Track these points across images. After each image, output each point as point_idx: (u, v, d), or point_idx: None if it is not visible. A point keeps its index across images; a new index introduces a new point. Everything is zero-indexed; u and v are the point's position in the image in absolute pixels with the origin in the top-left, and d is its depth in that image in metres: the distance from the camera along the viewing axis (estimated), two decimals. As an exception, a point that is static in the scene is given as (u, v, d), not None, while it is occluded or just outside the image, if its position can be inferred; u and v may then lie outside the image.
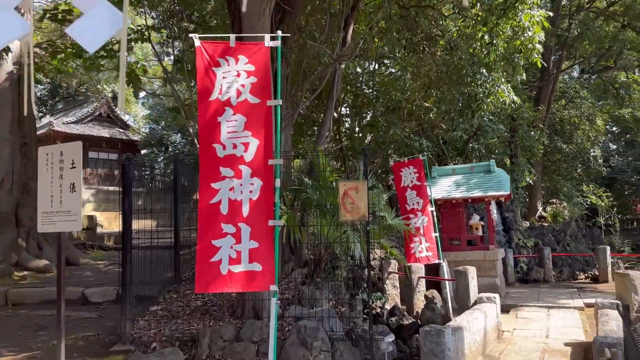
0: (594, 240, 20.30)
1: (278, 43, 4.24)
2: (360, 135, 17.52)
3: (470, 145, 17.57)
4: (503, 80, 9.62)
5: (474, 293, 8.33)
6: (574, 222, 20.53)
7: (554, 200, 23.43)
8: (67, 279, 11.51)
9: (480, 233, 12.09)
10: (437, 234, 10.32)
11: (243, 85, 4.14)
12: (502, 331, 8.27)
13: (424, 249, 10.18)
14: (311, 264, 7.93)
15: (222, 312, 6.62)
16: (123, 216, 6.26)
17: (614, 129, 35.15)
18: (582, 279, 14.94)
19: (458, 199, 11.75)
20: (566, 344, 7.27)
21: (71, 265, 13.09)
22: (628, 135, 34.85)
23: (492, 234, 11.62)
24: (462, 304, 8.28)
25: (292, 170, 8.69)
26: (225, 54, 4.19)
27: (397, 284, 10.31)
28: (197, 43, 4.28)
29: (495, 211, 11.86)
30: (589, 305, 10.22)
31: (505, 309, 10.36)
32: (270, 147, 4.10)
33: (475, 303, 8.01)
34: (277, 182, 4.16)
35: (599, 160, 27.18)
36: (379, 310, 9.49)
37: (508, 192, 11.12)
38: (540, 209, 22.87)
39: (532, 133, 18.45)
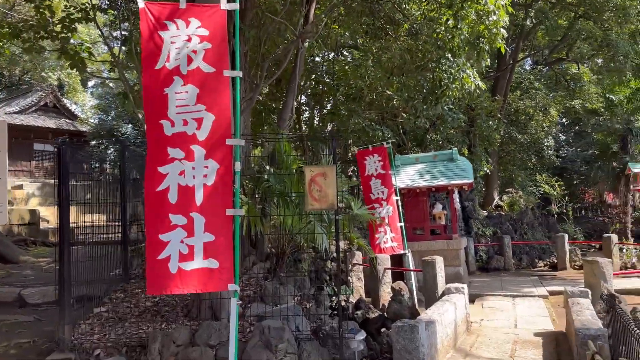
0: (550, 228, 20.77)
1: (236, 6, 3.67)
2: (321, 124, 17.06)
3: (429, 135, 17.47)
4: (468, 64, 9.36)
5: (441, 284, 8.05)
6: (530, 211, 20.92)
7: (510, 189, 23.82)
8: (2, 278, 10.52)
9: (443, 222, 11.92)
10: (402, 224, 10.02)
11: (195, 52, 3.56)
12: (471, 322, 8.05)
13: (389, 239, 9.86)
14: (273, 257, 7.41)
15: (175, 313, 6.02)
16: (59, 208, 5.53)
17: (564, 120, 36.27)
18: (541, 266, 15.13)
19: (422, 188, 11.51)
20: (536, 334, 7.10)
21: (9, 263, 12.02)
22: (577, 127, 36.07)
23: (455, 223, 11.46)
24: (430, 295, 8.00)
25: (252, 157, 8.11)
26: (173, 16, 3.60)
27: (362, 276, 9.95)
28: (141, 4, 3.65)
29: (457, 200, 11.70)
30: (552, 293, 10.22)
31: (470, 299, 10.16)
32: (229, 124, 3.55)
33: (443, 294, 7.74)
34: (237, 166, 3.62)
35: (552, 150, 27.94)
36: (344, 303, 9.09)
37: (471, 180, 10.96)
38: (496, 198, 23.19)
39: (490, 123, 18.54)
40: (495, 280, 12.19)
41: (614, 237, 13.33)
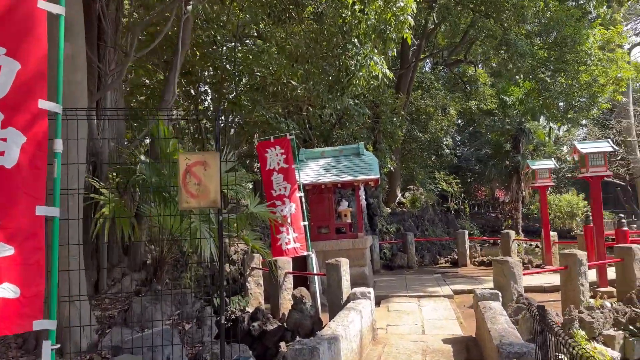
0: (449, 224, 21.28)
1: None
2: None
3: (335, 132, 16.96)
4: (376, 51, 8.75)
5: (346, 288, 7.32)
6: (431, 208, 21.28)
7: (412, 186, 24.19)
8: None
9: (349, 220, 11.31)
10: (306, 223, 9.19)
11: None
12: (377, 329, 7.41)
13: (292, 239, 8.98)
14: (150, 266, 6.16)
15: (6, 344, 4.59)
16: None
17: (460, 121, 38.10)
18: (442, 263, 15.19)
19: (327, 184, 10.78)
20: (445, 341, 6.59)
21: None
22: (471, 128, 38.03)
23: (361, 221, 10.90)
24: (334, 301, 7.22)
25: (125, 141, 6.76)
26: None
27: (261, 282, 8.98)
28: None
29: (363, 197, 11.16)
30: (457, 292, 9.98)
31: (376, 300, 9.62)
32: (43, 80, 2.39)
33: (349, 300, 7.00)
34: (58, 144, 2.46)
35: (450, 150, 28.97)
36: (239, 314, 8.06)
37: (377, 176, 10.44)
38: (399, 195, 23.40)
39: (394, 119, 18.46)
40: (399, 279, 11.84)
41: (512, 234, 13.63)
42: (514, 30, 13.39)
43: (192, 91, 16.22)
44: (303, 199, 9.31)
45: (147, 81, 13.99)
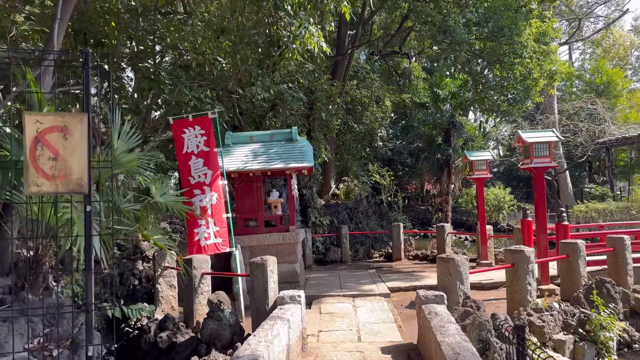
0: (382, 217, 20.85)
1: None
2: (143, 94, 14.12)
3: (269, 120, 15.85)
4: (312, 21, 7.76)
5: (273, 291, 6.31)
6: (365, 200, 20.75)
7: (346, 178, 23.56)
8: None
9: (279, 212, 10.29)
10: (230, 215, 8.07)
11: None
12: (307, 336, 6.48)
13: (212, 234, 7.85)
14: (23, 269, 4.82)
15: None
16: None
17: (393, 115, 38.19)
18: (376, 257, 14.58)
19: (256, 172, 9.69)
20: (384, 350, 5.79)
21: None
22: (404, 122, 38.25)
23: (293, 213, 9.93)
24: (259, 308, 6.20)
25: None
26: None
27: (175, 283, 7.75)
28: None
29: (295, 187, 10.19)
30: (394, 290, 9.29)
31: (307, 301, 8.74)
32: None
33: (275, 305, 6.01)
34: None
35: (383, 142, 28.71)
36: (145, 323, 6.83)
37: (311, 164, 9.49)
38: (333, 186, 22.70)
39: (330, 107, 17.63)
40: (333, 276, 11.02)
41: (447, 227, 13.23)
42: (452, 17, 12.90)
43: (106, 66, 14.40)
44: (227, 188, 8.17)
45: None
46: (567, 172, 28.83)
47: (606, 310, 6.33)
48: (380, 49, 27.85)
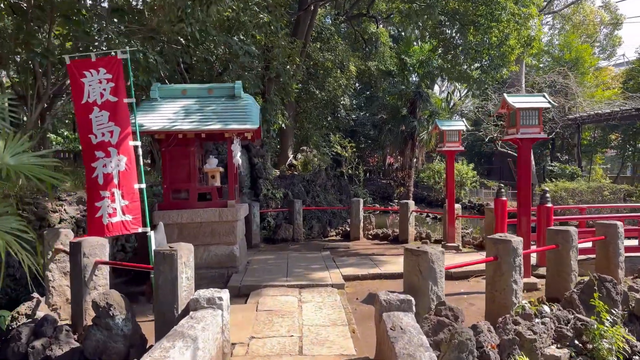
0: (341, 190, 19.45)
1: None
2: (59, 42, 11.91)
3: (219, 80, 13.95)
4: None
5: (186, 291, 4.72)
6: (324, 172, 19.26)
7: (305, 148, 21.94)
8: None
9: (217, 183, 8.60)
10: (144, 186, 6.35)
11: None
12: (233, 344, 4.97)
13: (119, 209, 6.13)
14: None
15: None
16: None
17: (357, 85, 36.57)
18: (333, 235, 13.16)
19: (187, 133, 7.93)
20: (332, 371, 4.34)
21: None
22: (368, 92, 36.76)
23: (234, 185, 8.25)
24: (165, 313, 4.60)
25: None
26: None
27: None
28: None
29: (240, 154, 8.49)
30: (349, 279, 7.87)
31: (243, 292, 7.22)
32: None
33: (188, 310, 4.44)
34: None
35: (346, 111, 27.14)
36: (16, 325, 5.13)
37: (256, 126, 7.81)
38: (291, 156, 21.07)
39: (288, 67, 15.81)
40: (281, 258, 9.50)
41: (411, 204, 11.89)
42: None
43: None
44: (140, 151, 6.41)
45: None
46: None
47: (609, 318, 5.08)
48: (347, 10, 25.96)
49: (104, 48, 10.22)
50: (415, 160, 24.29)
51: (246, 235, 11.19)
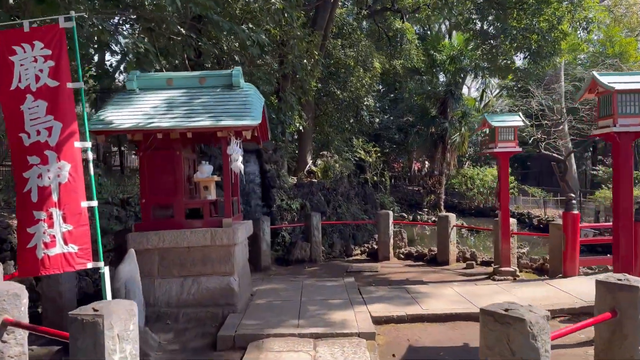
0: (366, 199, 17.51)
1: None
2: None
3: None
4: None
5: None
6: (346, 179, 17.35)
7: (325, 153, 20.04)
8: None
9: (212, 196, 6.78)
10: (95, 204, 4.57)
11: None
12: None
13: (60, 237, 4.37)
14: None
15: None
16: None
17: (381, 87, 34.63)
18: (357, 254, 11.23)
19: (169, 132, 6.16)
20: None
21: None
22: (392, 95, 34.78)
23: (229, 198, 6.42)
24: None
25: None
26: None
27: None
28: None
29: (241, 159, 6.66)
30: (380, 321, 5.97)
31: (238, 345, 5.36)
32: None
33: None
34: None
35: (370, 113, 25.23)
36: None
37: (257, 122, 5.98)
38: (310, 162, 19.22)
39: (305, 61, 14.01)
40: (293, 288, 7.63)
41: (452, 218, 9.90)
42: None
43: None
44: (91, 156, 4.63)
45: None
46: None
47: None
48: (370, 4, 24.10)
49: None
50: (445, 165, 22.23)
51: (253, 256, 9.39)
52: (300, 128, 16.44)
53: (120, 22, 11.54)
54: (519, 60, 13.70)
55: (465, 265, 9.54)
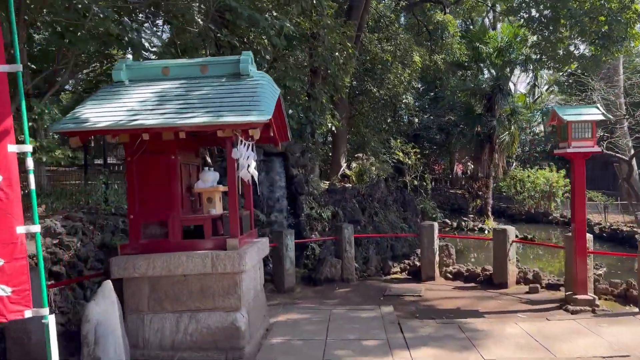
0: (406, 206, 15.95)
1: None
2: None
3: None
4: None
5: None
6: (383, 183, 15.86)
7: (360, 155, 18.57)
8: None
9: (217, 210, 5.52)
10: (37, 228, 3.36)
11: None
12: None
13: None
14: None
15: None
16: None
17: (420, 85, 32.92)
18: (396, 272, 9.75)
19: (158, 131, 4.93)
20: None
21: None
22: (432, 93, 32.98)
23: (235, 214, 5.13)
24: None
25: None
26: None
27: None
28: None
29: (254, 164, 5.40)
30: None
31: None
32: None
33: None
34: None
35: (410, 110, 23.65)
36: None
37: (266, 118, 4.66)
38: (344, 165, 17.84)
39: (337, 54, 12.66)
40: (318, 323, 6.25)
41: (511, 231, 8.29)
42: None
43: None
44: (31, 164, 3.41)
45: None
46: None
47: None
48: (409, -5, 22.56)
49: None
50: (493, 166, 20.36)
51: (275, 277, 8.12)
52: (333, 129, 15.12)
53: (137, 13, 10.59)
54: (582, 47, 11.97)
55: (527, 289, 7.94)
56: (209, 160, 11.59)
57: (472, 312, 6.84)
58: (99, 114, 4.85)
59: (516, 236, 9.11)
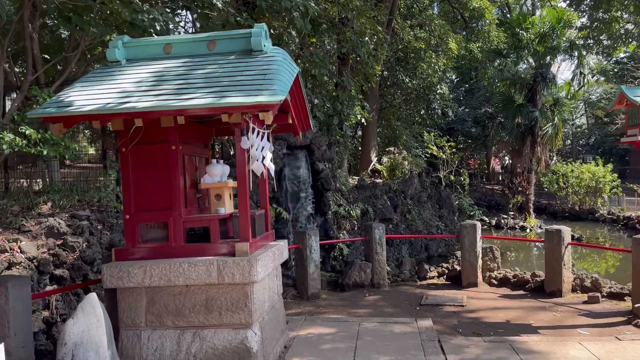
0: (441, 203, 14.93)
1: None
2: None
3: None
4: None
5: None
6: (417, 179, 14.87)
7: (392, 149, 17.61)
8: None
9: (226, 209, 4.75)
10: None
11: None
12: None
13: None
14: None
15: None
16: None
17: (454, 77, 31.64)
18: (433, 276, 8.80)
19: (154, 116, 4.19)
20: None
21: None
22: (467, 85, 31.65)
23: (247, 212, 4.36)
24: None
25: None
26: None
27: None
28: None
29: (270, 155, 4.64)
30: None
31: None
32: None
33: None
34: None
35: (445, 101, 22.48)
36: None
37: (276, 99, 3.85)
38: (374, 160, 16.93)
39: (367, 39, 11.75)
40: (344, 339, 5.42)
41: (566, 232, 7.24)
42: None
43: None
44: None
45: None
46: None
47: None
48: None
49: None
50: (535, 160, 19.05)
51: (298, 282, 7.35)
52: (363, 121, 14.25)
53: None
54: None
55: (586, 298, 6.91)
56: (232, 153, 10.91)
57: (524, 327, 5.89)
58: (86, 96, 4.16)
59: (572, 237, 7.99)
